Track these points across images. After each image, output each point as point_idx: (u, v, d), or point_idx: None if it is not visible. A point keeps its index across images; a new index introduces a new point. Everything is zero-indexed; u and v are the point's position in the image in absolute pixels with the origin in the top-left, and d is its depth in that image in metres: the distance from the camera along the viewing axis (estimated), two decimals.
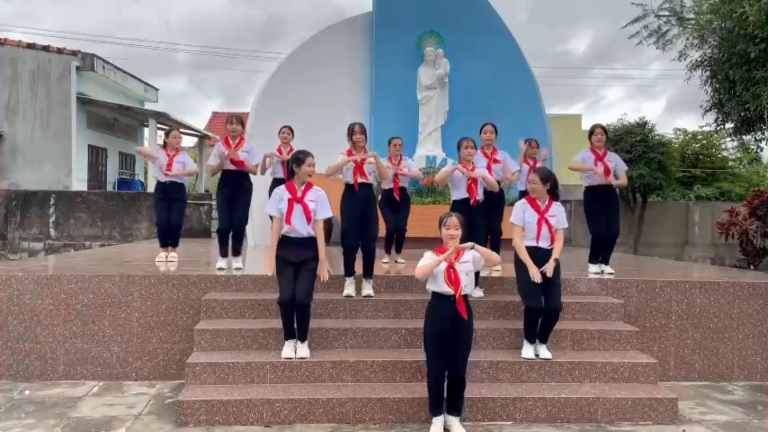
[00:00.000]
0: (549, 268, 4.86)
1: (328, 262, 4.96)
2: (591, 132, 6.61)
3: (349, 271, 5.71)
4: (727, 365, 5.96)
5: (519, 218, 5.02)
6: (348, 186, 5.74)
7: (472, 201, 5.75)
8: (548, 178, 5.00)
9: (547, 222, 4.95)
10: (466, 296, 4.18)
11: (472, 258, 4.22)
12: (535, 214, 4.98)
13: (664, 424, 4.62)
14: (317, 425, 4.44)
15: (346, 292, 5.65)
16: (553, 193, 5.05)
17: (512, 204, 5.44)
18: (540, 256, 4.94)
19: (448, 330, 4.14)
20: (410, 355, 4.98)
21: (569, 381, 4.92)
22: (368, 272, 5.72)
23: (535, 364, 4.94)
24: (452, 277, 4.11)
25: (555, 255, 4.95)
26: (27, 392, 5.12)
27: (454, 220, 4.17)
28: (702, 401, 5.27)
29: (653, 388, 4.88)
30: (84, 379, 5.47)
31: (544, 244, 4.96)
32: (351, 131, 5.78)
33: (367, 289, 5.68)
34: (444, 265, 4.13)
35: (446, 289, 4.11)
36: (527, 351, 5.02)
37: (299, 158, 4.88)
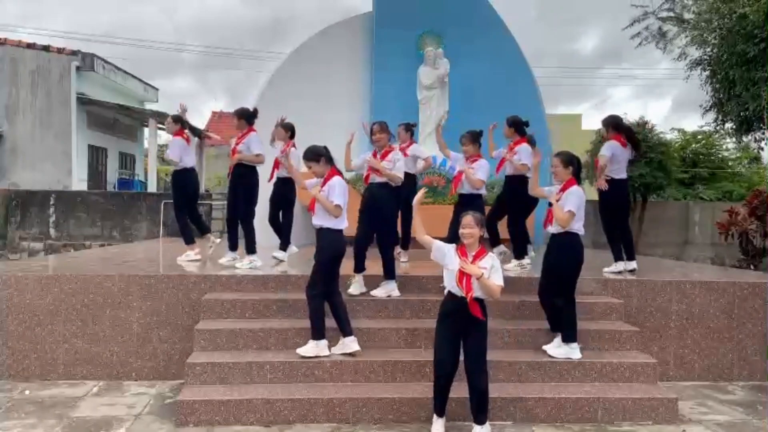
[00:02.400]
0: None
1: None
2: (617, 125, 6.44)
3: (359, 267, 5.69)
4: (727, 365, 5.96)
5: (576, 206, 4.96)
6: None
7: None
8: (570, 162, 5.05)
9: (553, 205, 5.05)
10: (481, 300, 4.08)
11: (490, 267, 4.07)
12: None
13: (664, 424, 4.62)
14: (317, 425, 4.44)
15: (352, 291, 5.64)
16: (577, 177, 5.09)
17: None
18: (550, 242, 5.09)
19: (459, 329, 4.07)
20: (410, 355, 4.98)
21: (569, 381, 4.92)
22: (388, 272, 5.71)
23: (535, 364, 4.94)
24: (463, 281, 4.01)
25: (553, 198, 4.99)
26: (27, 392, 5.12)
27: (468, 218, 4.09)
28: (702, 401, 5.27)
29: (653, 388, 4.88)
30: (84, 379, 5.47)
31: (552, 228, 5.05)
32: (370, 132, 5.85)
33: (394, 290, 5.69)
34: (457, 266, 4.04)
35: (457, 290, 4.05)
36: (578, 352, 5.03)
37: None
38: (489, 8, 11.20)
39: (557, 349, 5.02)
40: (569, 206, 4.90)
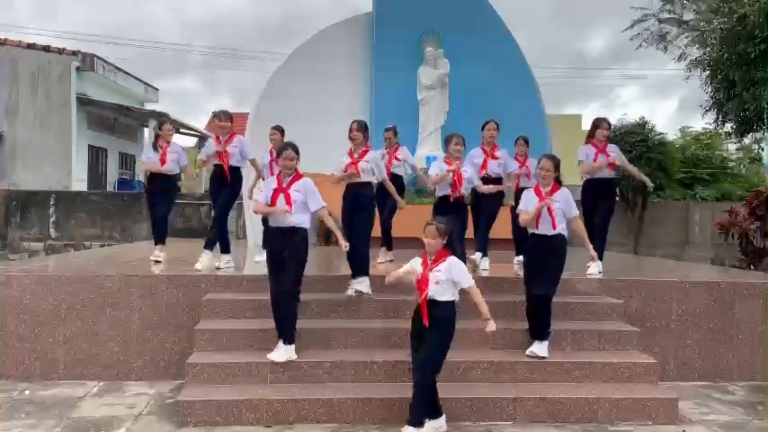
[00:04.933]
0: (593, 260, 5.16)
1: (327, 261, 4.97)
2: (597, 126, 6.57)
3: (352, 271, 5.66)
4: (727, 365, 5.96)
5: (523, 205, 5.12)
6: (347, 186, 5.73)
7: (451, 198, 5.80)
8: (558, 166, 5.10)
9: (547, 207, 4.97)
10: (436, 302, 4.05)
11: (448, 268, 4.08)
12: (537, 201, 5.02)
13: (664, 424, 4.62)
14: (317, 425, 4.44)
15: (348, 292, 5.61)
16: (557, 179, 5.13)
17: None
18: (541, 243, 4.98)
19: (418, 332, 4.16)
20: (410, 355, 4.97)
21: (569, 381, 4.92)
22: (358, 270, 5.59)
23: (535, 364, 4.94)
24: (417, 283, 4.11)
25: (590, 250, 5.16)
26: (27, 392, 5.12)
27: (431, 229, 4.10)
28: (702, 401, 5.27)
29: (653, 388, 4.88)
30: (84, 379, 5.46)
31: (544, 230, 4.99)
32: (349, 130, 5.79)
33: (361, 285, 5.52)
34: (420, 271, 4.12)
35: (417, 293, 4.14)
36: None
37: (278, 151, 4.98)
38: (489, 8, 11.21)
39: (545, 349, 5.05)
40: (576, 211, 5.15)
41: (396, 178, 7.13)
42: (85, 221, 12.82)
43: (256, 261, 6.99)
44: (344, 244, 4.98)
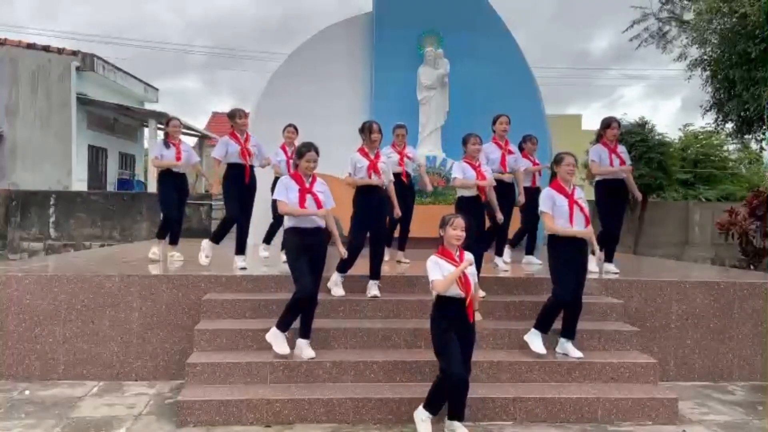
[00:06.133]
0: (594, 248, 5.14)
1: (327, 261, 5.00)
2: (607, 125, 6.53)
3: (345, 268, 5.66)
4: (727, 365, 5.96)
5: (549, 206, 5.03)
6: (362, 187, 5.72)
7: (482, 198, 5.87)
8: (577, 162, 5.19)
9: (578, 204, 4.99)
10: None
11: (472, 260, 4.17)
12: (564, 198, 5.01)
13: (664, 424, 4.62)
14: (317, 425, 4.44)
15: (338, 292, 5.61)
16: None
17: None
18: (577, 242, 4.98)
19: (459, 332, 4.07)
20: (410, 355, 4.98)
21: (569, 381, 4.92)
22: (377, 273, 5.69)
23: (535, 364, 4.94)
24: (462, 281, 4.05)
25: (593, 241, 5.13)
26: (27, 392, 5.12)
27: (461, 221, 4.10)
28: (702, 401, 5.27)
29: (653, 388, 4.88)
30: (84, 379, 5.47)
31: (578, 227, 4.99)
32: (369, 130, 5.77)
33: (374, 289, 5.63)
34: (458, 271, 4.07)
35: (458, 292, 4.05)
36: (538, 345, 5.01)
37: (300, 151, 4.94)
38: (489, 8, 11.19)
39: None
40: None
41: (408, 176, 7.15)
42: (85, 221, 12.82)
43: (262, 256, 7.05)
44: (342, 252, 5.08)
